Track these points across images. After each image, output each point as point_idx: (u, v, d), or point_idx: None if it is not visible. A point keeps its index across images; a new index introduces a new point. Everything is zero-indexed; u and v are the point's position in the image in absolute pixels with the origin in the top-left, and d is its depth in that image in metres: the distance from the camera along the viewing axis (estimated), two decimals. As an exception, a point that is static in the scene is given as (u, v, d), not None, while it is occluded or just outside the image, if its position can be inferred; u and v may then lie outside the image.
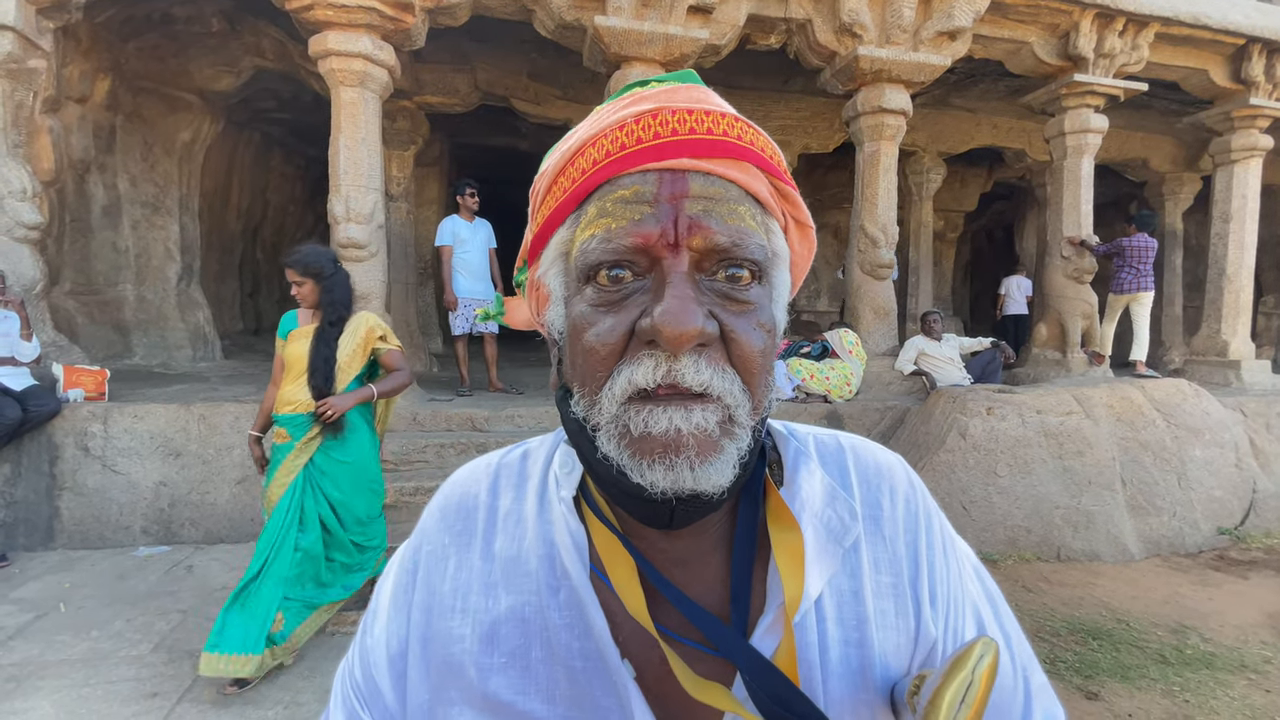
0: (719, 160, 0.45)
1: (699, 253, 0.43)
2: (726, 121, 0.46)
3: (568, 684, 0.46)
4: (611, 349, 0.43)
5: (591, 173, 0.45)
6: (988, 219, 12.85)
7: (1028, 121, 8.15)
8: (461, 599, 0.50)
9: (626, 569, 0.47)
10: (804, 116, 7.87)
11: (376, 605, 0.55)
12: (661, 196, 0.43)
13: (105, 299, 6.13)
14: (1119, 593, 3.63)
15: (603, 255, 0.43)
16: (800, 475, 0.51)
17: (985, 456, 4.29)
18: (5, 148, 4.28)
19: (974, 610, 0.53)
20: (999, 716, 0.50)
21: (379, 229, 4.75)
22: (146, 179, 6.41)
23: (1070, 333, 6.28)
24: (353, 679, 0.54)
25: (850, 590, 0.48)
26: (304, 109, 7.33)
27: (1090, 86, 5.85)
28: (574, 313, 0.45)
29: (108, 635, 2.86)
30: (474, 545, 0.52)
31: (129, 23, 5.47)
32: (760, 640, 0.45)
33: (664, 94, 0.46)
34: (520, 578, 0.49)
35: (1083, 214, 6.18)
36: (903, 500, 0.53)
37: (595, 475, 0.47)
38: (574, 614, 0.47)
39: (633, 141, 0.44)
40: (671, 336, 0.40)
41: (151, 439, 4.05)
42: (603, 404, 0.43)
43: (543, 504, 0.51)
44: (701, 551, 0.49)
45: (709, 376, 0.41)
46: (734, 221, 0.43)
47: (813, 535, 0.48)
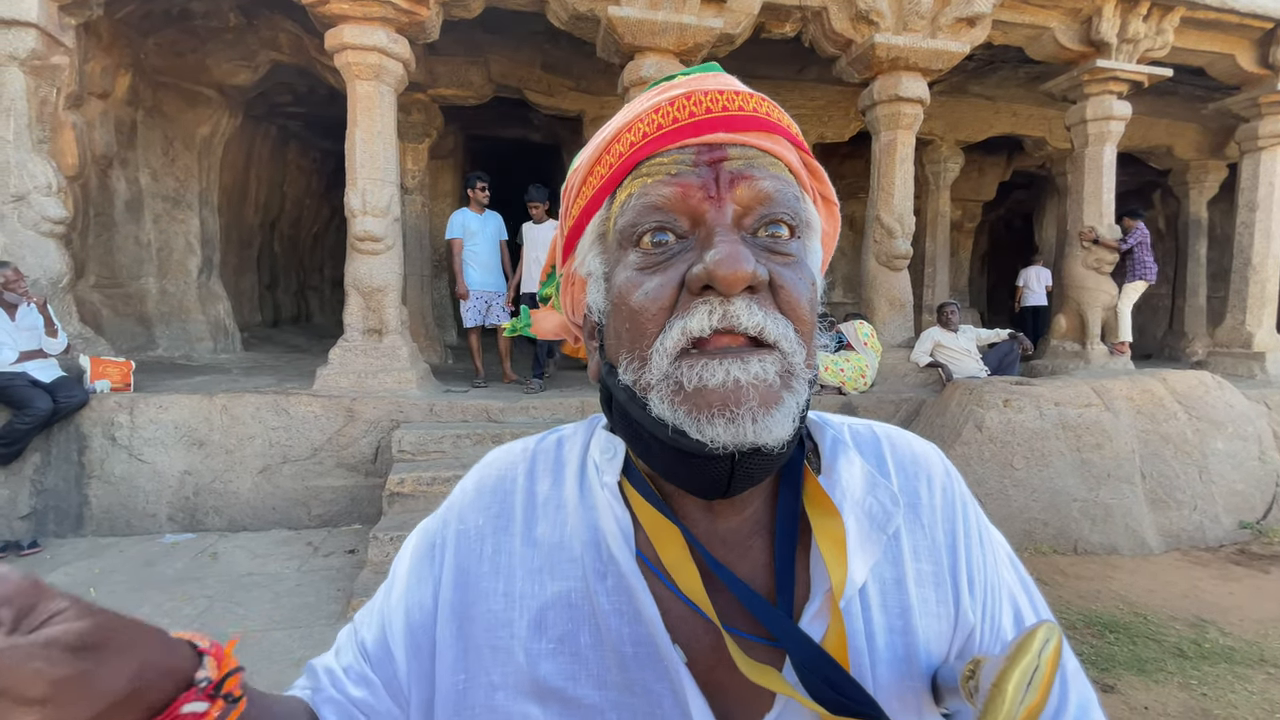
0: (753, 133, 0.46)
1: (742, 204, 0.44)
2: (755, 101, 0.47)
3: (618, 670, 0.46)
4: (662, 305, 0.43)
5: (629, 155, 0.46)
6: (1007, 208, 12.65)
7: (1048, 109, 8.00)
8: (504, 582, 0.50)
9: (679, 549, 0.46)
10: (819, 105, 7.79)
11: (394, 574, 0.55)
12: (701, 160, 0.45)
13: (129, 292, 6.25)
14: (1137, 586, 3.60)
15: (643, 210, 0.44)
16: (840, 463, 0.51)
17: (1001, 449, 4.26)
18: (30, 143, 4.37)
19: (1010, 598, 0.53)
20: None
21: (395, 222, 4.79)
22: (167, 173, 6.51)
23: (1090, 324, 6.20)
24: (360, 641, 0.54)
25: (893, 578, 0.48)
26: (320, 103, 7.39)
27: (1113, 72, 5.73)
28: (619, 280, 0.46)
29: (137, 619, 2.95)
30: (513, 529, 0.52)
31: (148, 18, 5.54)
32: (809, 625, 0.45)
33: (693, 81, 0.48)
34: (566, 564, 0.49)
35: (1104, 203, 6.08)
36: (940, 489, 0.53)
37: (647, 444, 0.46)
38: (623, 599, 0.47)
39: (669, 121, 0.45)
40: (726, 276, 0.40)
41: (176, 429, 4.14)
42: (653, 362, 0.43)
43: (584, 490, 0.51)
44: (742, 534, 0.49)
45: (762, 319, 0.41)
46: (777, 170, 0.45)
47: (854, 523, 0.48)
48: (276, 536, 4.05)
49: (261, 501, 4.21)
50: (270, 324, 8.92)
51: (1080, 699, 0.51)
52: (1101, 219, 6.08)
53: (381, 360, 4.70)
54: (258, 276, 8.77)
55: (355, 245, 4.69)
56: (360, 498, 4.26)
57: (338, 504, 4.27)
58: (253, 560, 3.68)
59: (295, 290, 10.06)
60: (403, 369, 4.70)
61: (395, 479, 3.72)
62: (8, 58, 4.20)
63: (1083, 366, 6.01)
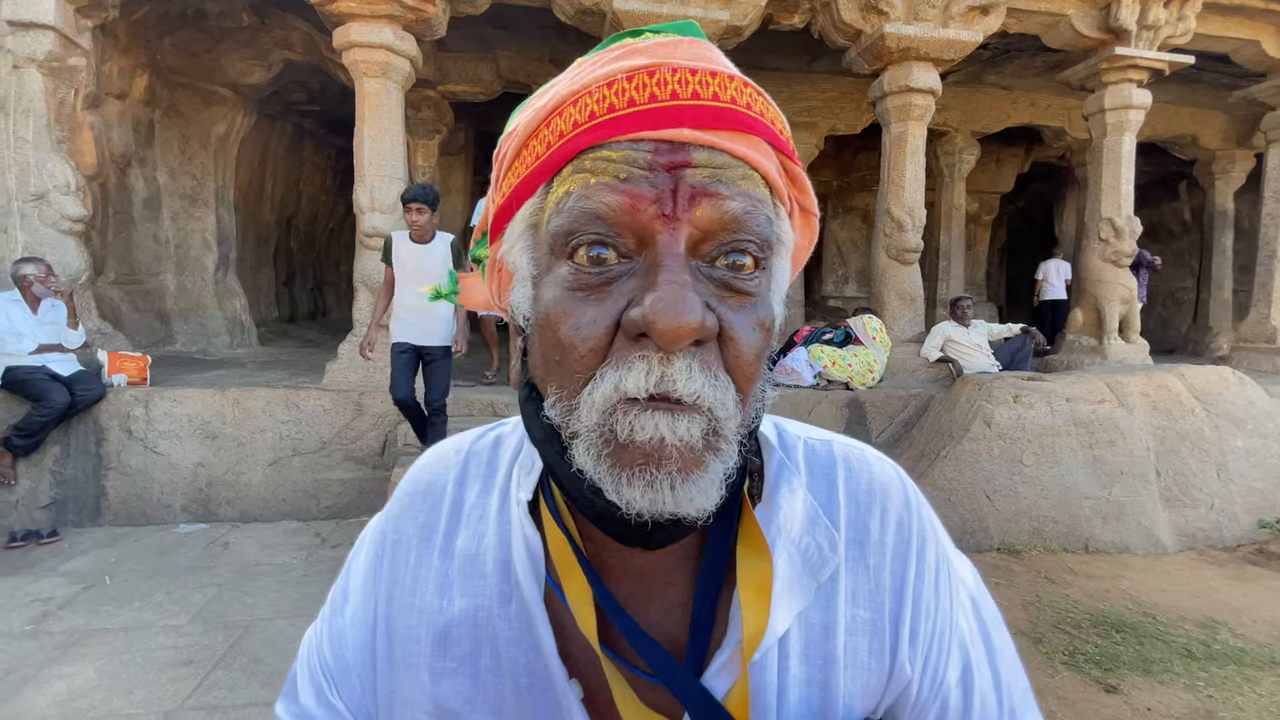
0: (726, 133, 0.38)
1: (701, 230, 0.37)
2: (735, 86, 0.38)
3: (514, 699, 0.43)
4: (594, 346, 0.37)
5: (571, 136, 0.38)
6: (1026, 200, 12.42)
7: (1068, 98, 7.82)
8: (420, 597, 0.47)
9: (581, 584, 0.43)
10: (830, 97, 7.71)
11: (348, 585, 0.52)
12: (658, 163, 0.36)
13: (147, 288, 6.39)
14: (1147, 586, 3.53)
15: (579, 219, 0.37)
16: (781, 494, 0.46)
17: (1011, 445, 4.20)
18: (49, 144, 4.48)
19: (961, 649, 0.47)
20: None
21: (402, 219, 4.83)
22: (184, 171, 6.63)
23: (1107, 318, 6.07)
24: (321, 655, 0.51)
25: (821, 625, 0.44)
26: (333, 100, 7.47)
27: (1132, 60, 5.58)
28: (546, 297, 0.39)
29: (149, 606, 3.03)
30: (434, 540, 0.49)
31: (164, 19, 5.64)
32: (713, 678, 0.41)
33: (662, 48, 0.39)
34: (476, 579, 0.46)
35: (1123, 194, 5.94)
36: (894, 523, 0.47)
37: (563, 489, 0.42)
38: (523, 627, 0.44)
39: (624, 103, 0.37)
40: (666, 330, 0.34)
41: (189, 422, 4.23)
42: (582, 411, 0.37)
43: (504, 502, 0.48)
44: (665, 568, 0.44)
45: (700, 384, 0.36)
46: (749, 185, 0.38)
47: (785, 565, 0.44)
48: (286, 528, 4.13)
49: (272, 493, 4.29)
50: (287, 319, 9.06)
51: None
52: (1120, 211, 5.94)
53: (389, 355, 4.74)
54: (274, 272, 8.91)
55: (364, 242, 4.75)
56: (368, 490, 4.33)
57: (346, 496, 4.34)
58: (262, 550, 3.76)
59: (312, 286, 10.20)
60: (410, 364, 4.75)
61: (401, 472, 3.77)
62: (26, 59, 4.30)
63: (1099, 362, 5.89)
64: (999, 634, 0.49)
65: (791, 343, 5.56)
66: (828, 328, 5.66)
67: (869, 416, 4.96)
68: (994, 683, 0.47)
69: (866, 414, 4.96)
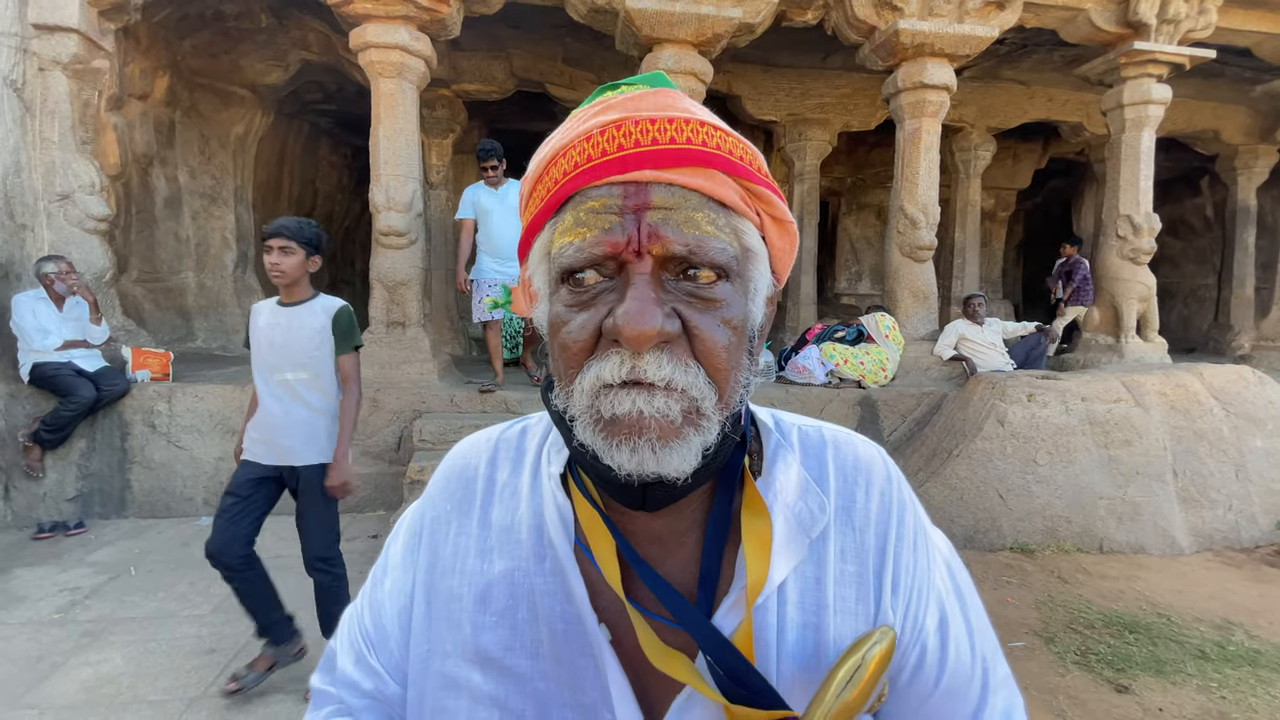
0: (680, 170, 0.46)
1: (658, 259, 0.45)
2: (690, 128, 0.46)
3: (550, 643, 0.50)
4: (582, 345, 0.45)
5: (564, 183, 0.47)
6: (1044, 196, 12.26)
7: (1086, 93, 7.72)
8: (460, 561, 0.55)
9: (606, 544, 0.50)
10: (844, 94, 7.66)
11: (387, 562, 0.60)
12: (627, 207, 0.45)
13: (169, 286, 6.51)
14: (1162, 586, 3.51)
15: (576, 260, 0.46)
16: (777, 467, 0.54)
17: (1025, 444, 4.17)
18: (74, 144, 4.58)
19: (938, 602, 0.54)
20: (951, 699, 0.53)
21: (418, 217, 4.89)
22: (204, 171, 6.74)
23: (1124, 316, 6.00)
24: (362, 625, 0.59)
25: (814, 577, 0.51)
26: (349, 100, 7.55)
27: (1152, 55, 5.50)
28: (552, 311, 0.49)
29: (172, 597, 3.11)
30: (473, 513, 0.56)
31: (184, 21, 5.73)
32: (722, 619, 0.48)
33: (630, 101, 0.48)
34: (512, 545, 0.53)
35: (1141, 190, 5.86)
36: (878, 493, 0.54)
37: (576, 459, 0.50)
38: (557, 581, 0.51)
39: (598, 154, 0.46)
40: (631, 336, 0.42)
41: (210, 417, 4.32)
42: (575, 395, 0.46)
43: (536, 479, 0.56)
44: (678, 531, 0.52)
45: (670, 371, 0.43)
46: (689, 230, 0.45)
47: (783, 524, 0.51)
48: (305, 521, 4.20)
49: (290, 488, 4.36)
50: (303, 316, 9.17)
51: (1006, 705, 0.55)
52: (1139, 207, 5.87)
53: (404, 352, 4.82)
54: (291, 270, 9.02)
55: (379, 240, 4.81)
56: (384, 485, 4.39)
57: (362, 490, 4.40)
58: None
59: (328, 284, 10.31)
60: (425, 360, 4.82)
61: (416, 467, 3.82)
62: (51, 62, 4.40)
63: (1116, 361, 5.83)
64: (972, 596, 0.57)
65: (804, 340, 5.55)
66: (840, 325, 5.65)
67: (881, 415, 4.95)
68: (967, 632, 0.54)
69: (879, 412, 4.95)
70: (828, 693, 0.43)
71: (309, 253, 2.42)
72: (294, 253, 2.38)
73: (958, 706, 0.53)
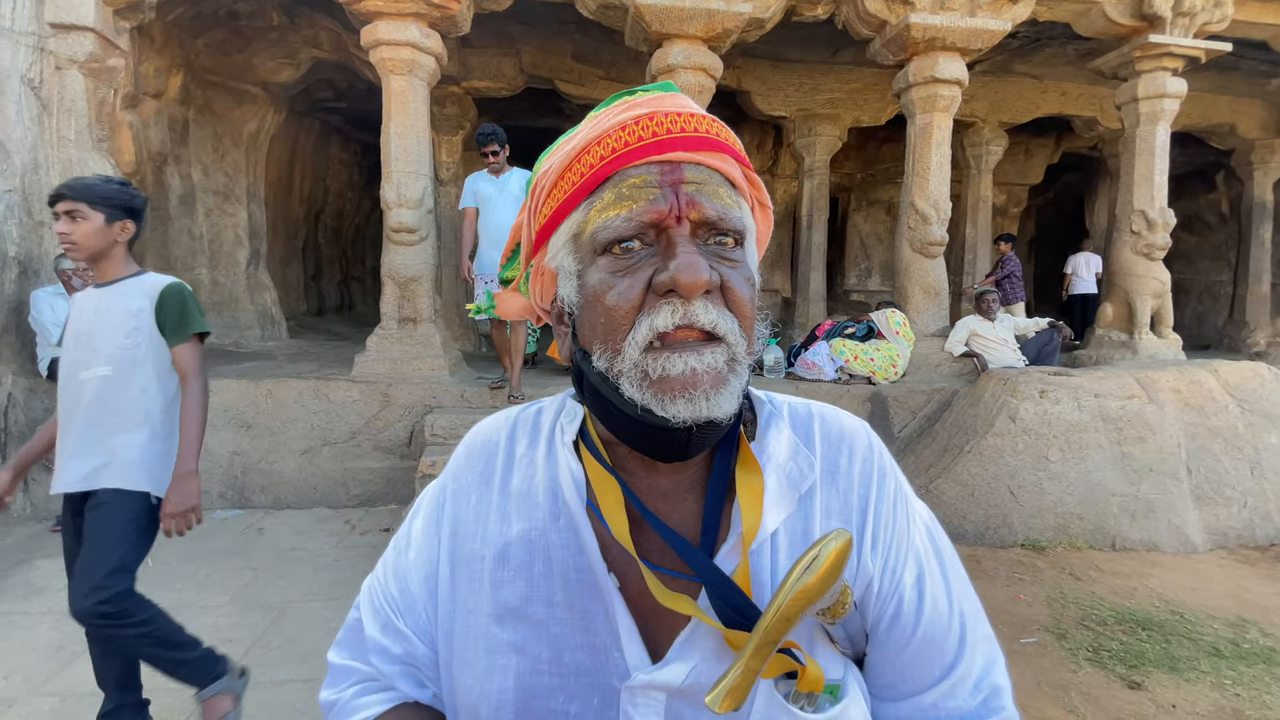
0: (704, 153, 0.54)
1: (695, 223, 0.52)
2: (706, 122, 0.55)
3: (563, 592, 0.55)
4: (632, 304, 0.51)
5: (599, 166, 0.54)
6: (1056, 192, 12.16)
7: (1099, 87, 7.64)
8: (482, 526, 0.60)
9: (615, 500, 0.55)
10: (854, 89, 7.62)
11: (410, 533, 0.65)
12: (665, 182, 0.52)
13: (184, 282, 6.57)
14: (1176, 584, 3.48)
15: (625, 229, 0.52)
16: (770, 433, 0.59)
17: (1036, 441, 4.15)
18: (91, 142, 4.63)
19: (916, 559, 0.58)
20: (929, 647, 0.57)
21: (428, 214, 4.91)
22: (217, 169, 6.80)
23: (1138, 313, 5.94)
24: (387, 593, 0.63)
25: (802, 531, 0.56)
26: (359, 98, 7.59)
27: (1167, 48, 5.44)
28: (592, 280, 0.53)
29: (189, 588, 3.15)
30: (493, 483, 0.61)
31: (197, 20, 5.78)
32: (722, 560, 0.54)
33: (654, 100, 0.56)
34: (530, 508, 0.58)
35: (1156, 186, 5.80)
36: (860, 459, 0.60)
37: (615, 419, 0.54)
38: (570, 536, 0.56)
39: (635, 140, 0.53)
40: (687, 283, 0.49)
41: (225, 412, 4.37)
42: (626, 352, 0.50)
43: (550, 450, 0.61)
44: (680, 489, 0.57)
45: (715, 317, 0.50)
46: (718, 200, 0.53)
47: (774, 481, 0.56)
48: (317, 515, 4.25)
49: (304, 481, 4.41)
50: (315, 313, 9.26)
51: (985, 659, 0.59)
52: (1153, 203, 5.80)
53: (416, 347, 4.85)
54: (303, 267, 9.10)
55: (390, 236, 4.84)
56: (395, 479, 4.43)
57: (374, 485, 4.45)
58: (295, 536, 3.88)
59: (339, 280, 10.40)
60: (435, 356, 4.85)
61: (428, 461, 3.86)
62: (68, 60, 4.45)
63: (1130, 357, 5.78)
64: (953, 561, 0.61)
65: (813, 337, 5.54)
66: (850, 321, 5.63)
67: (891, 411, 4.93)
68: (945, 589, 0.59)
69: (889, 409, 4.93)
70: (789, 580, 0.48)
71: (110, 216, 1.90)
72: (85, 218, 1.87)
73: (935, 656, 0.57)
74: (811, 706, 0.52)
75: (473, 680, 0.55)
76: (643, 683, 0.52)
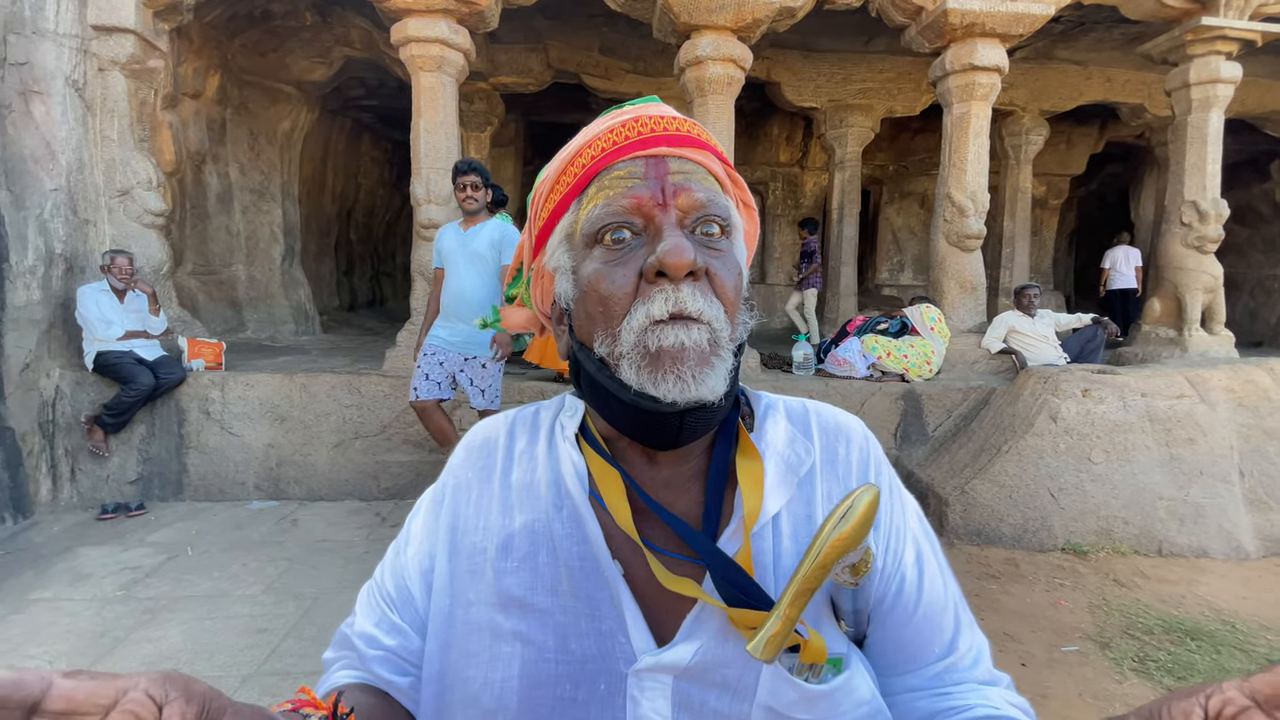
0: (688, 149, 0.57)
1: (682, 209, 0.54)
2: (689, 125, 0.59)
3: (568, 581, 0.56)
4: (626, 292, 0.53)
5: (590, 166, 0.57)
6: (1099, 182, 11.74)
7: (1147, 72, 7.33)
8: (483, 519, 0.60)
9: (617, 490, 0.56)
10: (888, 78, 7.44)
11: (410, 531, 0.66)
12: (649, 174, 0.55)
13: (221, 278, 6.74)
14: (1227, 592, 3.33)
15: (606, 217, 0.54)
16: (768, 423, 0.62)
17: (1078, 441, 4.01)
18: (132, 142, 4.76)
19: (914, 542, 0.61)
20: (928, 625, 0.60)
21: (456, 210, 4.93)
22: (253, 167, 6.95)
23: (1188, 308, 5.69)
24: (383, 590, 0.64)
25: (805, 515, 0.58)
26: (390, 95, 7.68)
27: (1220, 31, 5.18)
28: (586, 272, 0.56)
29: (226, 577, 3.23)
30: (493, 478, 0.63)
31: (233, 21, 5.89)
32: (724, 543, 0.55)
33: (640, 108, 0.59)
34: (532, 500, 0.60)
35: (1208, 175, 5.54)
36: (857, 449, 0.63)
37: (612, 407, 0.56)
38: (574, 525, 0.57)
39: (621, 139, 0.57)
40: (674, 264, 0.51)
41: (261, 405, 4.46)
42: (624, 336, 0.53)
43: (551, 445, 0.62)
44: (682, 480, 0.59)
45: (702, 304, 0.52)
46: (708, 184, 0.56)
47: (774, 468, 0.59)
48: (349, 506, 4.32)
49: (336, 474, 4.49)
50: (347, 308, 9.42)
51: (972, 647, 0.61)
52: (1205, 193, 5.55)
53: (444, 343, 4.88)
54: (335, 263, 9.27)
55: (420, 233, 4.88)
56: (424, 473, 4.48)
57: (404, 478, 4.50)
58: (327, 528, 3.95)
59: (370, 276, 10.57)
60: (464, 351, 4.87)
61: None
62: (110, 62, 4.58)
63: (1178, 355, 5.54)
64: (937, 544, 0.64)
65: (844, 333, 5.43)
66: (882, 317, 5.50)
67: (925, 409, 4.81)
68: (940, 570, 0.62)
69: (923, 407, 4.82)
70: (824, 530, 0.49)
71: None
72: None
73: (934, 633, 0.60)
74: (815, 678, 0.53)
75: (475, 670, 0.55)
76: (649, 665, 0.53)
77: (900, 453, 4.72)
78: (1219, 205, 5.52)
